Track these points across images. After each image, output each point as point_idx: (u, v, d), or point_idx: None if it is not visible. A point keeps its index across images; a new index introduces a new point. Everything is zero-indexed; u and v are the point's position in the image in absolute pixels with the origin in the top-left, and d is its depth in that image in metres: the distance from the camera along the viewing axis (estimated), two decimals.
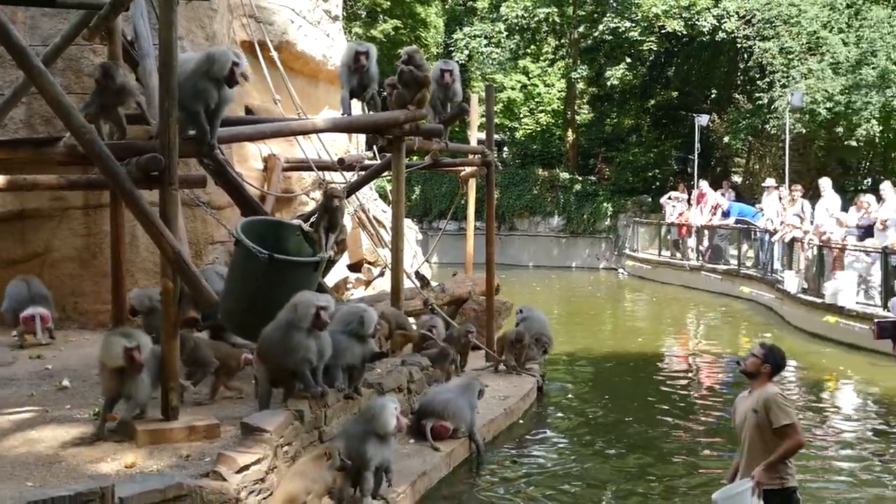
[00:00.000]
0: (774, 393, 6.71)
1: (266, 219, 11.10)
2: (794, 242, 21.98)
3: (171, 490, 6.83)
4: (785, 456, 6.55)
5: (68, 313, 13.57)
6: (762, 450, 6.61)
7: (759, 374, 6.83)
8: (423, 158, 13.75)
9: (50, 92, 7.84)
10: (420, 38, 42.23)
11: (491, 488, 9.96)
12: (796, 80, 30.02)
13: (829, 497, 9.65)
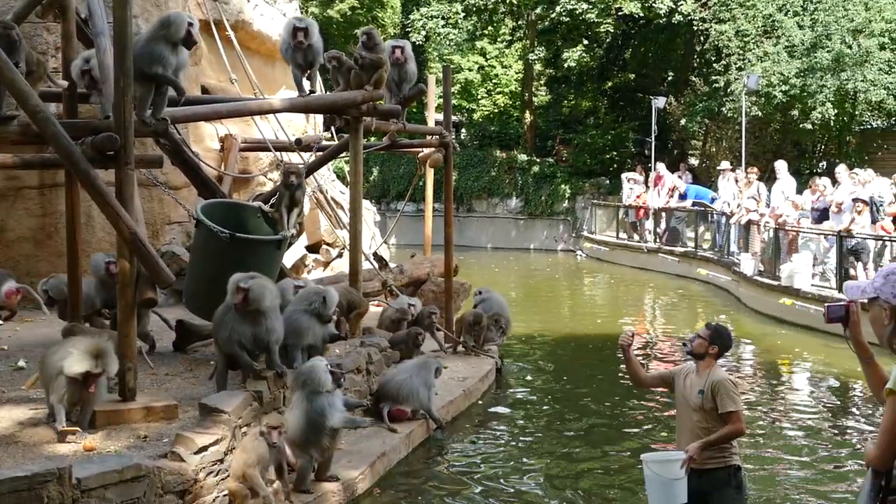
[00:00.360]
0: (724, 378, 6.67)
1: (226, 201, 11.10)
2: (751, 225, 22.15)
3: (129, 471, 6.80)
4: (724, 439, 6.52)
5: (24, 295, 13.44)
6: (702, 429, 6.56)
7: (706, 355, 6.76)
8: (380, 139, 13.73)
9: (3, 70, 7.75)
10: (377, 19, 42.10)
11: (450, 468, 10.00)
12: (752, 62, 30.18)
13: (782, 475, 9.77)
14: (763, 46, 30.51)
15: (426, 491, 9.26)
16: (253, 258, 9.71)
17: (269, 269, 10.18)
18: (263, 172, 17.19)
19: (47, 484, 6.38)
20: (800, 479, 9.68)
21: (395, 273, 15.59)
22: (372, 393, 10.64)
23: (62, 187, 11.50)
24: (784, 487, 9.39)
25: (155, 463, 7.05)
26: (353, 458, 9.20)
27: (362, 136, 12.17)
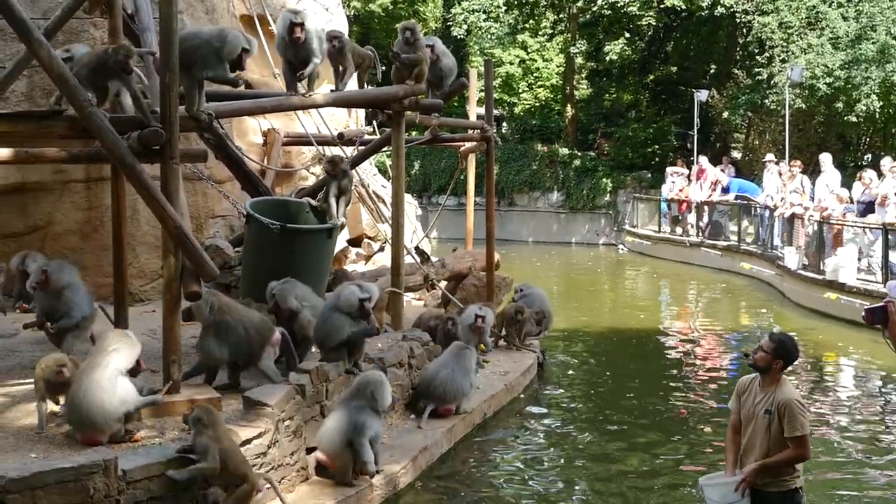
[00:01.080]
0: (792, 398, 6.35)
1: (275, 198, 11.18)
2: (795, 218, 21.96)
3: (174, 463, 6.86)
4: (785, 463, 6.31)
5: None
6: (763, 447, 6.35)
7: (771, 369, 6.46)
8: (422, 133, 13.75)
9: (51, 65, 7.81)
10: (418, 13, 42.10)
11: (492, 463, 10.00)
12: (796, 55, 29.96)
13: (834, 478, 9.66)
14: (807, 38, 30.26)
15: (467, 487, 9.25)
16: (304, 248, 9.79)
17: (321, 258, 10.26)
18: (306, 166, 17.26)
19: (93, 475, 6.44)
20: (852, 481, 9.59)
21: (437, 267, 15.57)
22: (413, 387, 10.66)
23: (108, 181, 11.57)
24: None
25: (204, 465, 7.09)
26: (395, 452, 9.20)
27: (404, 131, 12.16)
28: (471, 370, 10.52)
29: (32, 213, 13.82)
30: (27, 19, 7.88)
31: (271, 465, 7.74)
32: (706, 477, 6.70)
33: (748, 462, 6.44)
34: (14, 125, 8.51)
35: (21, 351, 10.21)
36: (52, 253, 13.29)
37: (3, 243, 13.47)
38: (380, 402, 8.09)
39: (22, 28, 7.74)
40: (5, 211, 13.72)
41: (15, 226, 13.74)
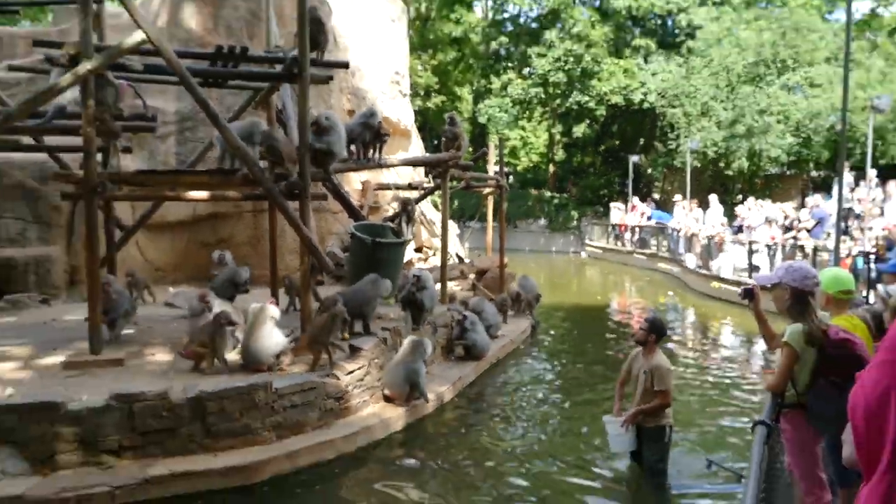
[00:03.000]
0: (661, 364, 6.16)
1: (369, 222, 11.25)
2: (692, 236, 21.79)
3: (307, 384, 6.98)
4: (655, 410, 6.12)
5: None
6: (644, 399, 6.19)
7: (647, 342, 6.30)
8: (459, 182, 13.78)
9: (233, 141, 7.95)
10: (457, 108, 42.12)
11: (502, 386, 10.04)
12: (694, 133, 29.71)
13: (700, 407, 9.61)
14: (701, 122, 29.99)
15: (487, 402, 9.31)
16: (387, 255, 9.86)
17: (397, 261, 10.32)
18: (388, 203, 17.35)
19: (258, 391, 6.57)
20: (722, 393, 9.55)
21: (468, 265, 15.61)
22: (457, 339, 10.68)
23: (266, 212, 11.73)
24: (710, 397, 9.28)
25: (322, 380, 7.20)
26: (442, 380, 9.27)
27: (449, 181, 12.22)
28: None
29: (220, 231, 14.01)
30: (217, 113, 8.03)
31: (365, 386, 7.83)
32: (608, 416, 6.47)
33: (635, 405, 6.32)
34: (210, 177, 8.68)
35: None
36: (235, 256, 13.51)
37: (205, 250, 13.68)
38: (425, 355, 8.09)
39: (215, 119, 7.89)
40: (206, 229, 13.93)
41: (210, 238, 13.95)
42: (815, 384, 4.12)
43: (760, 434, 3.66)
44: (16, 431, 5.69)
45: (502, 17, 40.53)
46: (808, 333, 4.12)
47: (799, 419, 4.24)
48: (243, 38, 13.87)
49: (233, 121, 9.96)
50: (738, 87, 29.38)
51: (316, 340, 7.49)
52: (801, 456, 4.31)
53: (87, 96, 7.33)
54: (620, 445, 6.38)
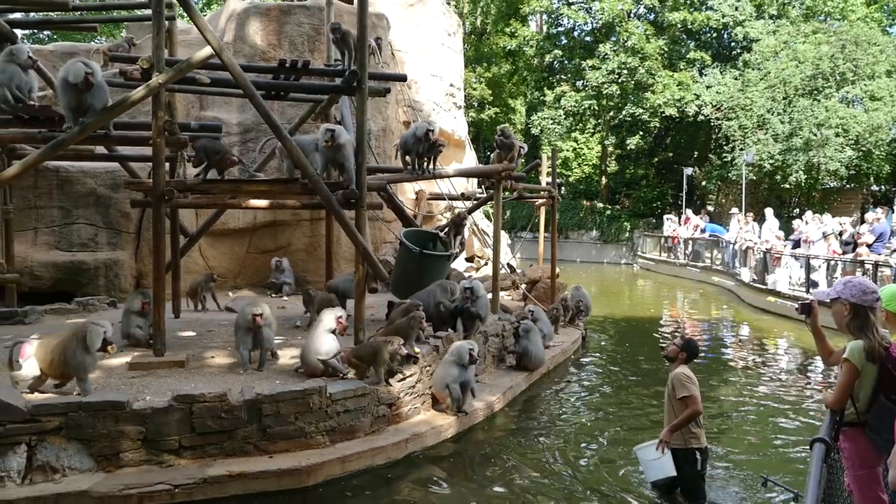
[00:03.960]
0: (679, 372, 5.87)
1: (418, 230, 11.26)
2: (748, 249, 21.25)
3: (360, 390, 6.99)
4: (686, 421, 5.72)
5: (300, 282, 13.90)
6: (671, 415, 5.87)
7: (677, 358, 6.03)
8: (512, 193, 13.71)
9: (293, 152, 8.06)
10: (510, 120, 42.04)
11: (553, 396, 9.92)
12: (749, 145, 29.04)
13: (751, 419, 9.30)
14: (757, 135, 29.29)
15: (537, 411, 9.20)
16: (432, 265, 9.86)
17: (441, 272, 10.30)
18: (441, 213, 17.40)
19: (312, 395, 6.62)
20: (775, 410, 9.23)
21: (520, 275, 15.51)
22: (504, 348, 10.61)
23: (323, 220, 11.90)
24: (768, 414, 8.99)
25: (374, 386, 7.21)
26: (492, 388, 9.21)
27: (501, 192, 12.18)
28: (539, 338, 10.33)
29: (279, 238, 14.23)
30: (280, 124, 8.16)
31: (416, 394, 7.82)
32: (637, 446, 6.13)
33: (664, 426, 6.01)
34: (271, 186, 8.81)
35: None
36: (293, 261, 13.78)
37: (264, 256, 13.93)
38: (463, 360, 7.89)
39: (277, 130, 8.02)
40: (265, 236, 14.17)
41: (269, 245, 14.19)
42: (876, 402, 3.95)
43: (819, 452, 3.52)
44: (84, 429, 5.84)
45: (557, 31, 40.32)
46: (869, 350, 3.96)
47: (859, 437, 4.07)
48: (305, 52, 14.10)
49: (293, 132, 10.13)
50: (796, 100, 28.63)
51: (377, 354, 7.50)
52: (861, 475, 4.12)
53: (157, 108, 7.52)
54: (658, 472, 5.96)
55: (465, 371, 7.90)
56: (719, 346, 13.78)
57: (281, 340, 8.99)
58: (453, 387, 7.83)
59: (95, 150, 10.07)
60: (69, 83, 7.09)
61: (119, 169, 11.77)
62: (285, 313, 11.23)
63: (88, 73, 7.09)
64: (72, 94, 7.15)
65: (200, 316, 10.97)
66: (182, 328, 9.58)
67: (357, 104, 8.27)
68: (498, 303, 12.00)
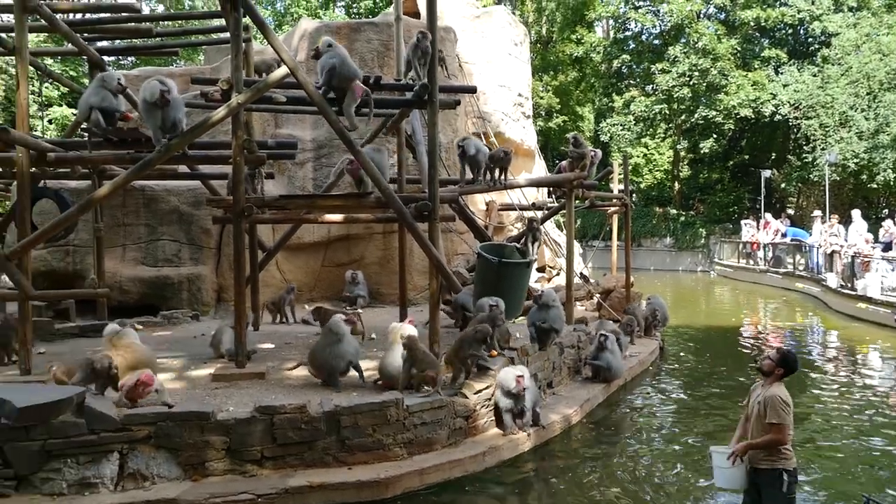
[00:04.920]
0: (777, 394, 5.37)
1: (495, 242, 11.24)
2: (834, 254, 20.41)
3: (437, 402, 6.99)
4: (764, 445, 5.30)
5: (374, 294, 14.07)
6: (758, 433, 5.37)
7: (773, 373, 5.47)
8: (583, 202, 13.55)
9: (367, 166, 8.17)
10: (579, 127, 41.66)
11: (631, 408, 9.72)
12: (831, 144, 27.93)
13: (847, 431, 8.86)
14: (839, 133, 28.14)
15: (615, 424, 9.02)
16: (512, 274, 9.80)
17: (523, 281, 10.22)
18: (512, 223, 17.33)
19: (390, 407, 6.65)
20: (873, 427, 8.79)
21: (593, 285, 15.30)
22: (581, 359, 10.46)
23: (396, 233, 11.99)
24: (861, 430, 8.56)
25: (451, 398, 7.20)
26: (569, 401, 9.07)
27: (574, 200, 12.04)
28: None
29: (353, 251, 14.44)
30: (352, 139, 8.29)
31: (492, 406, 7.77)
32: (715, 447, 5.76)
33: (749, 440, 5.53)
34: (345, 201, 8.95)
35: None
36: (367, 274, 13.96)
37: (338, 269, 14.15)
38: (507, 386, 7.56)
39: (350, 144, 8.15)
40: (339, 250, 14.40)
41: (343, 259, 14.41)
42: None
43: None
44: (172, 438, 6.03)
45: (624, 36, 39.79)
46: None
47: None
48: (374, 67, 14.31)
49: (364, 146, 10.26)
50: (881, 94, 27.36)
51: (456, 356, 7.52)
52: None
53: (236, 127, 7.75)
54: (725, 481, 5.65)
55: (519, 399, 7.60)
56: (806, 356, 13.21)
57: None
58: (505, 417, 7.61)
59: (178, 169, 10.49)
60: (148, 102, 7.42)
61: (200, 187, 12.18)
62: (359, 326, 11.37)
63: (164, 91, 7.40)
64: (153, 111, 7.47)
65: (278, 328, 11.22)
66: (262, 340, 9.80)
67: (428, 117, 8.32)
68: (572, 313, 11.86)
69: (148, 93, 7.45)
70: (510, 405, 7.58)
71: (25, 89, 8.01)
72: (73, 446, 5.75)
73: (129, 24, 10.12)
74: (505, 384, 7.56)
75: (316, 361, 7.58)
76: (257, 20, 7.79)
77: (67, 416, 5.80)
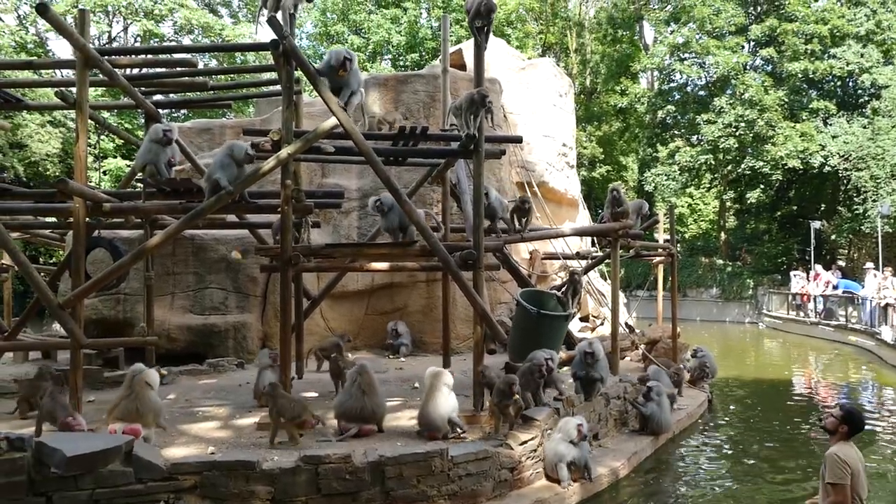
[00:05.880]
0: (833, 453, 5.18)
1: (535, 290, 11.16)
2: (888, 307, 19.78)
3: (481, 453, 6.89)
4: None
5: (417, 343, 14.02)
6: (823, 495, 5.23)
7: (837, 432, 5.34)
8: (628, 251, 13.42)
9: (413, 216, 8.24)
10: (622, 177, 41.61)
11: (681, 462, 9.43)
12: (883, 196, 27.33)
13: None
14: (891, 184, 27.54)
15: (664, 476, 8.75)
16: (550, 325, 9.69)
17: (559, 332, 10.08)
18: (556, 272, 17.22)
19: (434, 458, 6.57)
20: None
21: (639, 335, 15.04)
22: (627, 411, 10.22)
23: (440, 281, 12.00)
24: None
25: (495, 449, 7.09)
26: (616, 454, 8.85)
27: (619, 250, 11.94)
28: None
29: (396, 300, 14.45)
30: (399, 188, 8.37)
31: (538, 457, 7.62)
32: None
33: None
34: (390, 249, 9.02)
35: (390, 381, 10.41)
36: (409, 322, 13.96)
37: (382, 317, 14.18)
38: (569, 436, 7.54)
39: (396, 194, 8.24)
40: (382, 298, 14.43)
41: (386, 307, 14.42)
42: None
43: None
44: (217, 488, 6.03)
45: (669, 87, 39.89)
46: None
47: None
48: (421, 118, 14.56)
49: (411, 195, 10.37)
50: None
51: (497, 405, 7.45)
52: None
53: (285, 177, 7.92)
54: None
55: (575, 448, 7.50)
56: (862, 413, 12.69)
57: (399, 402, 9.05)
58: (562, 469, 7.44)
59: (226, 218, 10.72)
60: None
61: (247, 235, 12.40)
62: (402, 374, 11.33)
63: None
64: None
65: (322, 377, 11.22)
66: (305, 388, 9.81)
67: (474, 167, 8.40)
68: (617, 364, 11.66)
69: (235, 150, 7.83)
70: (571, 455, 7.46)
71: (84, 142, 8.32)
72: (120, 495, 5.77)
73: (184, 77, 10.50)
74: (567, 433, 7.47)
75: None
76: (308, 73, 8.02)
77: (116, 464, 5.83)
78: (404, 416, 8.20)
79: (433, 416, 7.32)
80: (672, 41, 36.97)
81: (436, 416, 7.31)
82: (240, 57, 31.76)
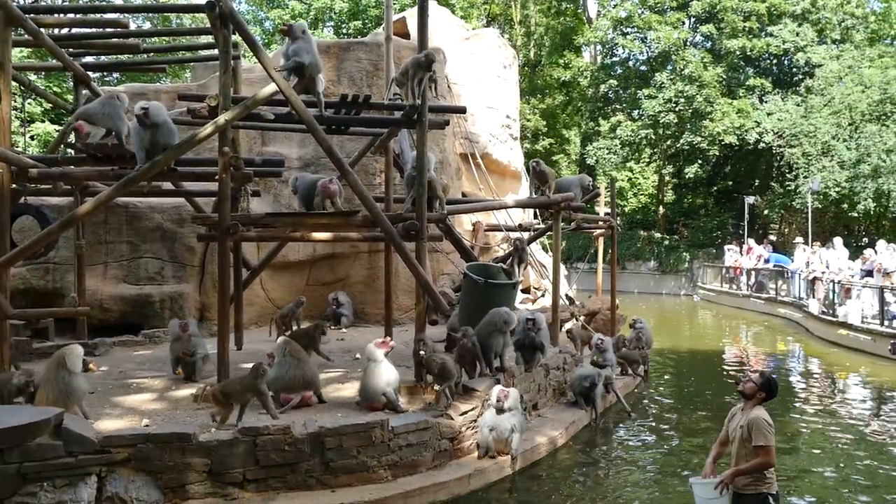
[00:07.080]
0: (759, 417, 5.28)
1: (481, 263, 11.21)
2: (816, 280, 20.55)
3: (422, 424, 6.94)
4: (754, 469, 5.22)
5: (359, 314, 13.98)
6: (743, 458, 5.32)
7: (754, 397, 5.44)
8: (569, 224, 13.57)
9: (353, 183, 8.15)
10: (565, 150, 41.95)
11: (616, 431, 9.68)
12: (814, 173, 28.29)
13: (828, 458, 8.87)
14: (822, 162, 28.52)
15: (601, 443, 8.98)
16: (497, 295, 9.75)
17: (508, 302, 10.14)
18: (498, 244, 17.33)
19: (375, 429, 6.58)
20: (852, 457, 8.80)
21: (578, 307, 15.30)
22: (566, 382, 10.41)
23: (382, 252, 11.94)
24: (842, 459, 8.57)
25: (436, 420, 7.14)
26: (554, 423, 9.03)
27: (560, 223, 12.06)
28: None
29: (337, 270, 14.36)
30: (341, 157, 8.27)
31: (477, 428, 7.70)
32: (696, 478, 5.62)
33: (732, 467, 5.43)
34: (332, 219, 8.91)
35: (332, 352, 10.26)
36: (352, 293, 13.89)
37: (323, 288, 14.07)
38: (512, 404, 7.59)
39: (339, 163, 8.13)
40: (324, 268, 14.32)
41: (327, 278, 14.33)
42: None
43: None
44: (152, 460, 5.92)
45: (611, 61, 40.26)
46: None
47: None
48: (364, 87, 14.35)
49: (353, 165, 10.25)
50: (863, 125, 27.82)
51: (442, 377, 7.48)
52: None
53: (223, 144, 7.71)
54: None
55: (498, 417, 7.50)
56: (788, 381, 13.25)
57: (340, 373, 9.03)
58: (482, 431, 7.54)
59: (162, 186, 10.41)
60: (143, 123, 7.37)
61: (184, 204, 12.09)
62: (344, 345, 11.28)
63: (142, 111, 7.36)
64: (140, 132, 7.41)
65: (261, 347, 11.07)
66: (244, 360, 9.67)
67: (417, 137, 8.35)
68: (557, 335, 11.84)
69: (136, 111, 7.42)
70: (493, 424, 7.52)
71: (8, 104, 7.93)
72: (49, 469, 5.59)
73: (116, 39, 10.09)
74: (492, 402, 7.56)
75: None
76: (247, 38, 7.79)
77: (45, 438, 5.66)
78: (346, 388, 8.19)
79: (371, 389, 7.32)
80: (615, 15, 37.33)
81: (372, 388, 7.32)
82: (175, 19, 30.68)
